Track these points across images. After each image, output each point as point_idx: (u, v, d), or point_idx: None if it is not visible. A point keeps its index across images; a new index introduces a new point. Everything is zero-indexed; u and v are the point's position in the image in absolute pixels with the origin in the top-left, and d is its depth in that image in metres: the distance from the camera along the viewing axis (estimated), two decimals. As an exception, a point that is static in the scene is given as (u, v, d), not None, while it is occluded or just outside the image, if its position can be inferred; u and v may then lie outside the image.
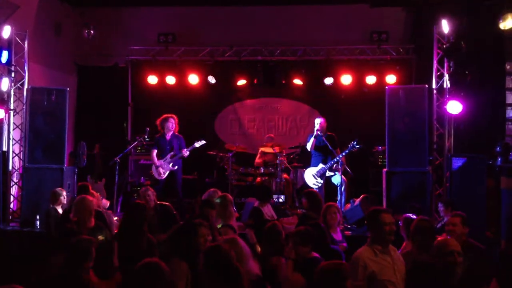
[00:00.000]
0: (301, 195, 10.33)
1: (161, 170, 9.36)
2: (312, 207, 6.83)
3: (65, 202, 7.54)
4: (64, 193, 7.63)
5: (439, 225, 7.16)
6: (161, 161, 9.36)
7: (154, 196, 7.48)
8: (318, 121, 9.51)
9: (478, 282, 4.78)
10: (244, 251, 4.50)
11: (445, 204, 7.29)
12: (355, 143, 9.01)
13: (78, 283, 4.12)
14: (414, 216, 5.73)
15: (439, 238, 4.48)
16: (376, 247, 4.31)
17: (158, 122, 9.46)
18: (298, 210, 9.81)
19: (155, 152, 9.43)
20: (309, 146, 9.59)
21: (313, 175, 9.46)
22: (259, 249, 5.85)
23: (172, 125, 9.36)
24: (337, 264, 3.73)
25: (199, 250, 4.30)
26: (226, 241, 4.51)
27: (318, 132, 9.38)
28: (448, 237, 4.67)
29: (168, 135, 9.39)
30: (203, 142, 9.43)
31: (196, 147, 9.40)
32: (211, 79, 11.72)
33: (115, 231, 6.58)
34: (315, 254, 4.90)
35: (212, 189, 7.30)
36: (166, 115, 9.46)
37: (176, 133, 9.47)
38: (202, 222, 4.79)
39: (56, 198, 7.47)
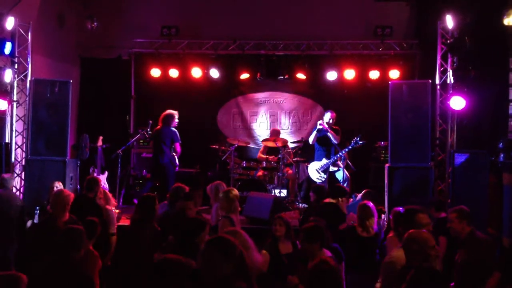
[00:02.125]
0: (301, 190, 10.42)
1: None
2: (318, 202, 6.85)
3: None
4: (56, 185, 7.51)
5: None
6: None
7: None
8: (328, 116, 9.48)
9: (482, 274, 4.82)
10: (247, 243, 4.46)
11: (428, 205, 7.26)
12: (358, 139, 9.04)
13: (68, 270, 4.15)
14: (402, 209, 5.77)
15: (412, 231, 4.35)
16: None
17: (167, 116, 9.52)
18: (300, 205, 9.84)
19: None
20: (311, 139, 9.59)
21: (317, 170, 9.47)
22: None
23: None
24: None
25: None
26: (228, 233, 4.48)
27: (320, 126, 9.36)
28: (424, 230, 4.54)
29: None
30: None
31: None
32: (214, 73, 11.70)
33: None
34: (326, 251, 4.83)
35: (217, 182, 7.29)
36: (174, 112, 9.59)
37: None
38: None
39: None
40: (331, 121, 9.44)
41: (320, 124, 9.39)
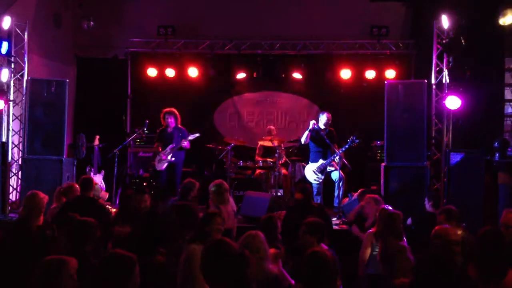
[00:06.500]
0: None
1: (161, 161, 9.62)
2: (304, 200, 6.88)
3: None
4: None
5: None
6: (162, 153, 9.62)
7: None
8: (325, 118, 9.42)
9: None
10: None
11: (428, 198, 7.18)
12: (354, 138, 9.00)
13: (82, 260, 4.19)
14: (390, 207, 5.86)
15: (437, 227, 4.49)
16: None
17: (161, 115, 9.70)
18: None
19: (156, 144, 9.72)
20: (303, 139, 9.52)
21: (314, 171, 9.43)
22: None
23: (170, 120, 9.63)
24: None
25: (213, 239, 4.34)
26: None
27: (315, 126, 9.31)
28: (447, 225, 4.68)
29: (170, 128, 9.65)
30: (197, 134, 9.61)
31: (190, 140, 9.54)
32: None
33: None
34: (324, 246, 4.89)
35: (219, 180, 7.25)
36: (166, 110, 9.69)
37: (179, 126, 9.73)
38: (218, 212, 4.89)
39: None
40: (328, 123, 9.39)
41: (313, 124, 9.35)
